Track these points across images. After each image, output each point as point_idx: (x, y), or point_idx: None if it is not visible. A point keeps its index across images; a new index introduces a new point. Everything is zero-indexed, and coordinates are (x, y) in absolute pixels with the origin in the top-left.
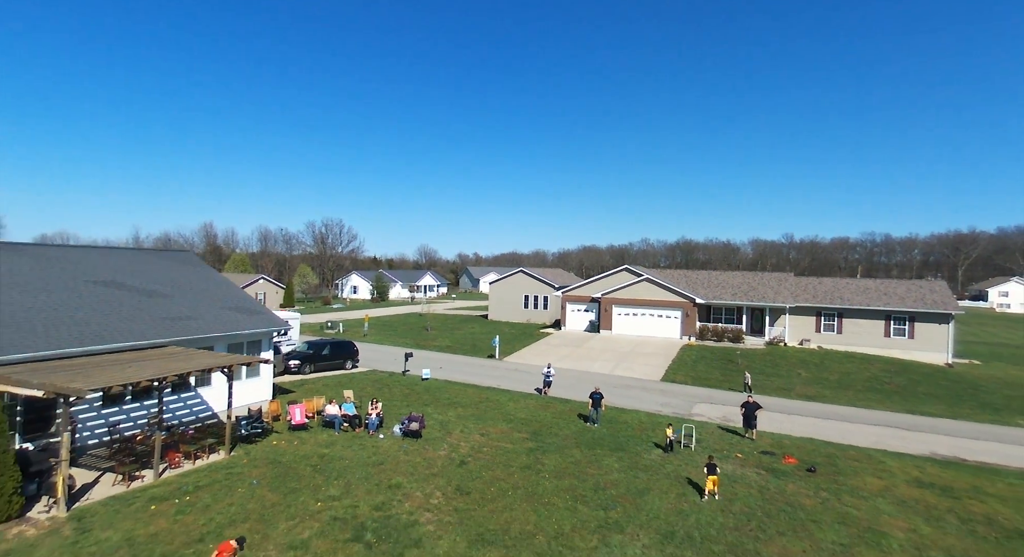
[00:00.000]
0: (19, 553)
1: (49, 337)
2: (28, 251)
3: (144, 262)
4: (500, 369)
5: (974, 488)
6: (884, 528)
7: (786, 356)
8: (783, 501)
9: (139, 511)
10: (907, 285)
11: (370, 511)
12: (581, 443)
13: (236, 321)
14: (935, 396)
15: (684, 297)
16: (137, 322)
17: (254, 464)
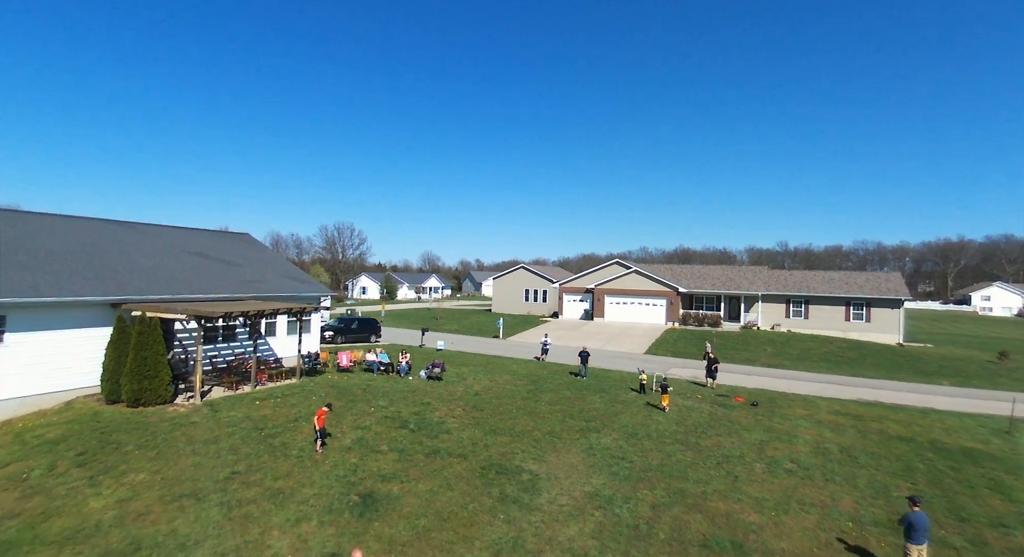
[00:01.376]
0: (180, 420)
1: (170, 287)
2: (139, 228)
3: (217, 240)
4: (504, 345)
5: (879, 416)
6: (797, 434)
7: (757, 337)
8: (726, 419)
9: (248, 404)
10: (866, 276)
11: (410, 414)
12: (571, 387)
13: (292, 286)
14: (879, 365)
15: (669, 287)
16: (224, 281)
17: (319, 387)
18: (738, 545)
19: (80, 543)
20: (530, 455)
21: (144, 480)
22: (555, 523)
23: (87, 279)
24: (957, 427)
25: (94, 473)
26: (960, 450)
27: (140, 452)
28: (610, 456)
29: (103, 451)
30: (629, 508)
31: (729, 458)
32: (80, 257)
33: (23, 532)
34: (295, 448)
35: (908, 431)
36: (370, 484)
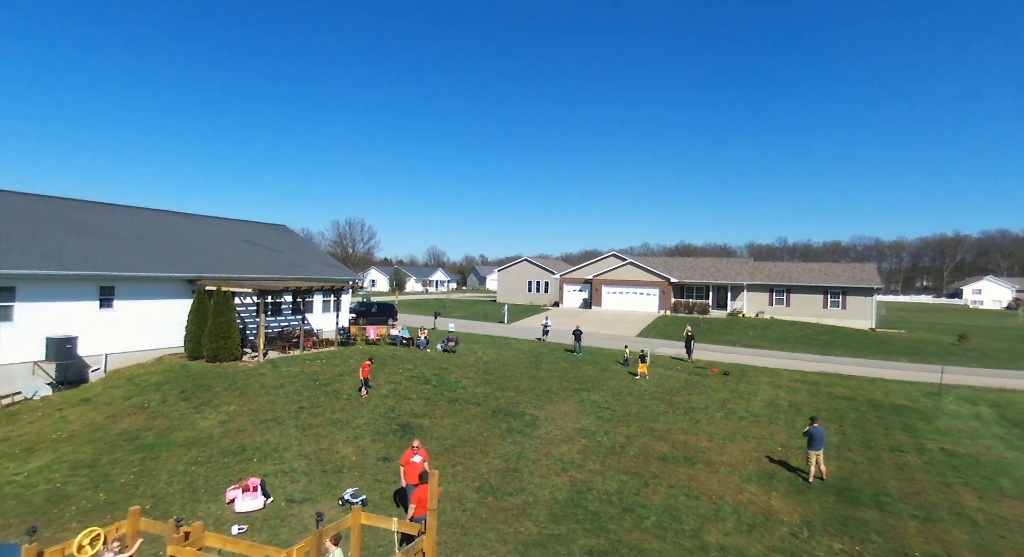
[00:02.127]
0: (250, 371)
1: (230, 267)
2: (200, 219)
3: (260, 230)
4: (509, 328)
5: (832, 383)
6: (756, 394)
7: (741, 323)
8: (699, 384)
9: (300, 363)
10: (843, 267)
11: (431, 375)
12: (568, 360)
13: (327, 270)
14: (848, 346)
15: (661, 277)
16: (271, 264)
17: (354, 353)
18: (689, 459)
19: (200, 446)
20: (532, 404)
21: (235, 410)
22: (550, 445)
23: (169, 259)
24: (896, 391)
25: (197, 404)
26: (891, 406)
27: (227, 392)
28: (597, 406)
29: (198, 390)
30: (608, 437)
31: (695, 409)
32: (163, 242)
33: (158, 439)
34: (344, 394)
35: (852, 393)
36: (406, 418)
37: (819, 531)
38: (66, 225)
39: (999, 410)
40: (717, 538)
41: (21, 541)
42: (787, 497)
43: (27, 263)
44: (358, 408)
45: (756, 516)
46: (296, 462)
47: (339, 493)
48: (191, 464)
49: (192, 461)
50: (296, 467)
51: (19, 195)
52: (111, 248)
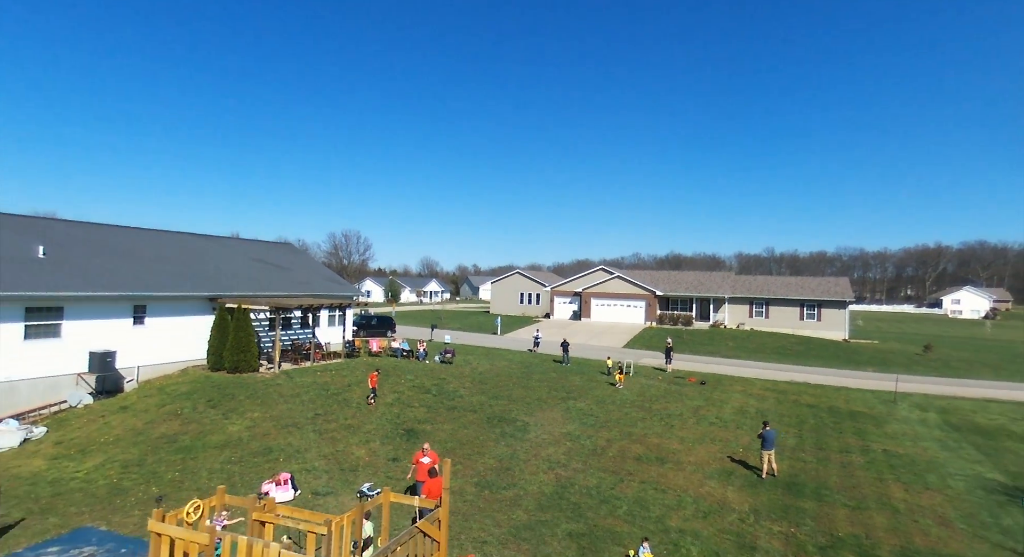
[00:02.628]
0: (268, 382)
1: (246, 285)
2: (216, 240)
3: (269, 249)
4: (502, 340)
5: (799, 391)
6: (728, 401)
7: (723, 334)
8: (676, 393)
9: (312, 374)
10: (818, 281)
11: (431, 385)
12: (557, 371)
13: (332, 286)
14: (820, 356)
15: (647, 290)
16: (282, 282)
17: (360, 364)
18: (660, 459)
19: (231, 447)
20: (523, 411)
21: (258, 416)
22: (539, 447)
23: (191, 279)
24: (856, 398)
25: (224, 411)
26: (848, 412)
27: (249, 400)
28: (582, 413)
29: (224, 399)
30: (591, 441)
31: (671, 416)
32: (186, 263)
33: (194, 441)
34: (353, 402)
35: (816, 400)
36: (410, 424)
37: (763, 517)
38: (103, 249)
39: (944, 416)
40: (677, 523)
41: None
42: (741, 490)
43: (73, 286)
44: (367, 415)
45: (712, 505)
46: (317, 461)
47: (356, 487)
48: (226, 463)
49: (227, 460)
50: (317, 466)
51: (61, 222)
52: (142, 270)
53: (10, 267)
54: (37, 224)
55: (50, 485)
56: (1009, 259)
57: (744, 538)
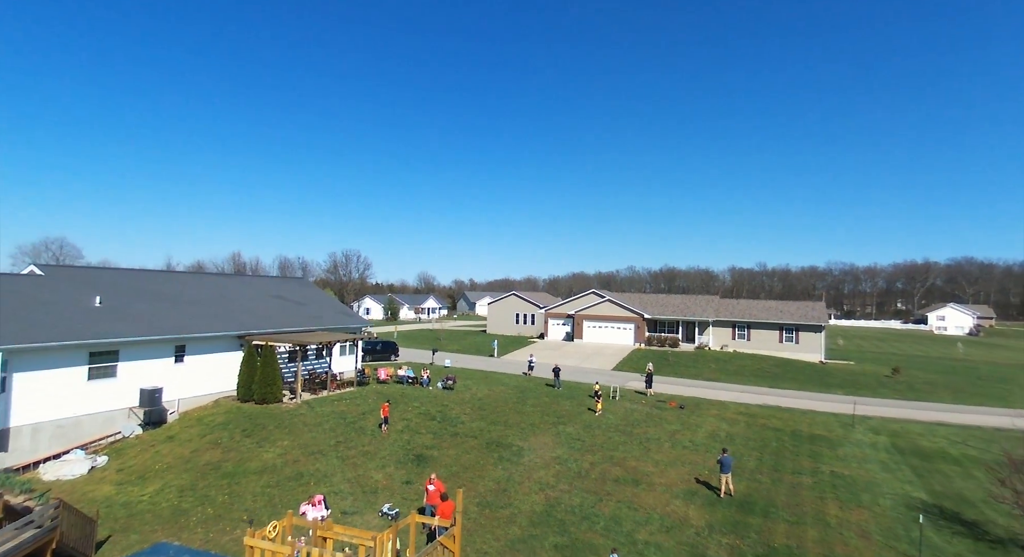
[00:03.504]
0: (292, 412)
1: (268, 322)
2: (239, 279)
3: (285, 284)
4: (498, 363)
5: (768, 415)
6: (702, 426)
7: (707, 356)
8: (657, 417)
9: (329, 403)
10: (797, 305)
11: (436, 412)
12: (549, 395)
13: (344, 320)
14: (795, 379)
15: (636, 313)
16: (298, 317)
17: (370, 393)
18: (635, 481)
19: (269, 473)
20: (517, 437)
21: (288, 444)
22: (531, 470)
23: (221, 319)
24: (819, 422)
25: (258, 440)
26: (808, 436)
27: (278, 430)
28: (570, 438)
29: (256, 429)
30: (576, 464)
31: (649, 440)
32: (216, 303)
33: (235, 468)
34: (368, 430)
35: (782, 424)
36: (419, 450)
37: (716, 531)
38: (148, 295)
39: (894, 439)
40: (644, 536)
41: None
42: (701, 509)
43: (127, 332)
44: (381, 442)
45: (675, 522)
46: (342, 485)
47: (378, 507)
48: (266, 487)
49: (266, 485)
50: (343, 488)
51: (110, 270)
52: (181, 314)
53: (75, 317)
54: (91, 274)
55: (123, 507)
56: (995, 276)
57: (697, 549)
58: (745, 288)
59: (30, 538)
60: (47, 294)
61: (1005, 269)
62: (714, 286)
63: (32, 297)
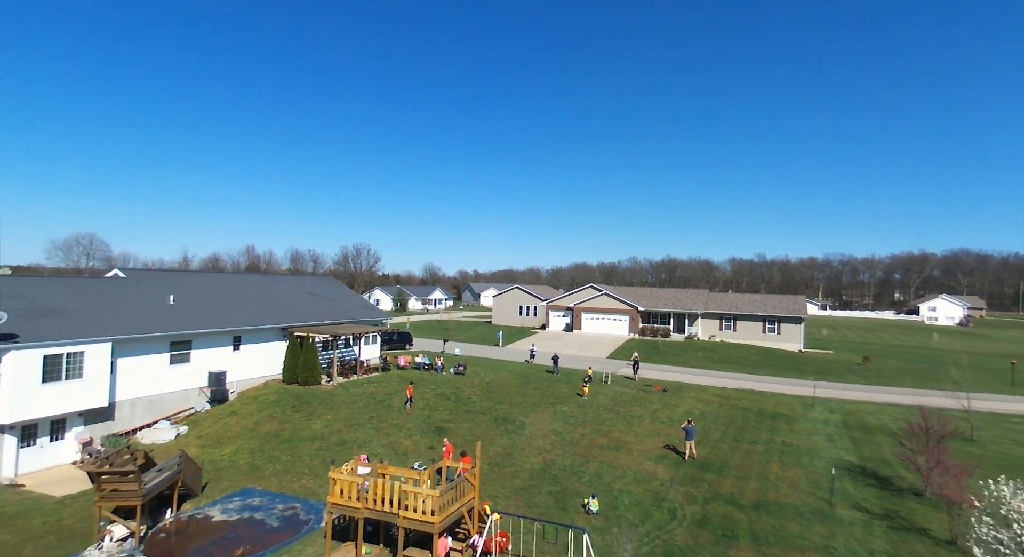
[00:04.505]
0: (330, 392)
1: (305, 316)
2: (279, 278)
3: (317, 282)
4: (503, 351)
5: (740, 396)
6: (680, 405)
7: (695, 346)
8: (642, 398)
9: (360, 385)
10: (779, 298)
11: (450, 393)
12: (548, 380)
13: (368, 313)
14: (774, 366)
15: (630, 306)
16: (330, 311)
17: (393, 377)
18: (617, 447)
19: (318, 440)
20: (520, 414)
21: (330, 418)
22: (532, 440)
23: (267, 314)
24: (784, 403)
25: (305, 415)
26: (772, 414)
27: (321, 407)
28: (565, 415)
29: (303, 405)
30: (569, 435)
31: (632, 417)
32: (262, 300)
33: (292, 435)
34: (395, 407)
35: (751, 404)
36: (438, 423)
37: (676, 483)
38: (210, 293)
39: (845, 417)
40: (619, 486)
41: (308, 478)
42: (668, 467)
43: (197, 325)
44: (407, 416)
45: (645, 476)
46: (378, 449)
47: (410, 464)
48: (318, 450)
49: (318, 448)
50: (379, 452)
51: (179, 273)
52: (237, 309)
53: (157, 313)
54: (163, 276)
55: (210, 464)
56: (989, 267)
57: (659, 495)
58: (745, 279)
59: (168, 476)
60: (132, 294)
61: (1001, 260)
62: (714, 276)
63: (122, 297)
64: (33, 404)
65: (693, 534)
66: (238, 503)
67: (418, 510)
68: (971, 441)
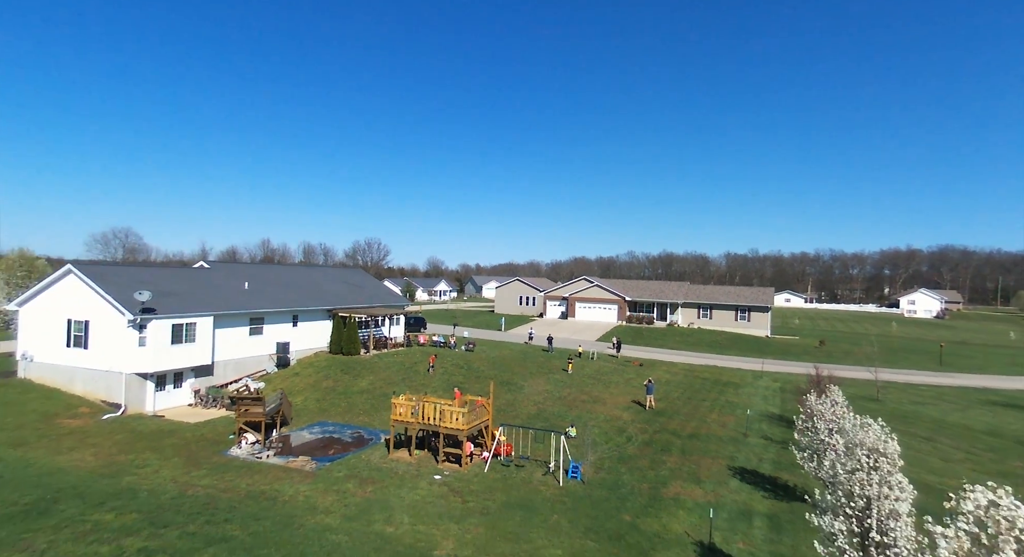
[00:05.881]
0: (369, 361)
1: (343, 300)
2: (319, 269)
3: (347, 273)
4: (505, 335)
5: (703, 370)
6: (651, 376)
7: (675, 332)
8: (620, 370)
9: (391, 356)
10: (750, 290)
11: (463, 363)
12: (543, 356)
13: (392, 298)
14: (740, 348)
15: (618, 296)
16: (361, 297)
17: (416, 351)
18: (595, 401)
19: (366, 394)
20: (521, 379)
21: (372, 379)
22: (529, 396)
23: (315, 298)
24: (738, 375)
25: (353, 376)
26: (725, 382)
27: (364, 370)
28: (556, 381)
29: (349, 370)
30: (558, 393)
31: (610, 382)
32: (311, 287)
33: (345, 389)
34: (420, 372)
35: (710, 375)
36: (456, 383)
37: (635, 422)
38: (274, 281)
39: (782, 384)
40: (593, 424)
41: (366, 416)
42: (631, 414)
43: (267, 306)
44: (430, 379)
45: (612, 418)
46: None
47: None
48: (368, 399)
49: (367, 399)
50: None
51: (248, 265)
52: (294, 294)
53: (239, 296)
54: (237, 267)
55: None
56: (972, 263)
57: (621, 429)
58: (739, 273)
59: (275, 406)
60: (218, 280)
61: (984, 256)
62: (709, 270)
63: (212, 283)
64: (165, 359)
65: (640, 449)
66: (318, 430)
67: (451, 421)
68: (875, 400)
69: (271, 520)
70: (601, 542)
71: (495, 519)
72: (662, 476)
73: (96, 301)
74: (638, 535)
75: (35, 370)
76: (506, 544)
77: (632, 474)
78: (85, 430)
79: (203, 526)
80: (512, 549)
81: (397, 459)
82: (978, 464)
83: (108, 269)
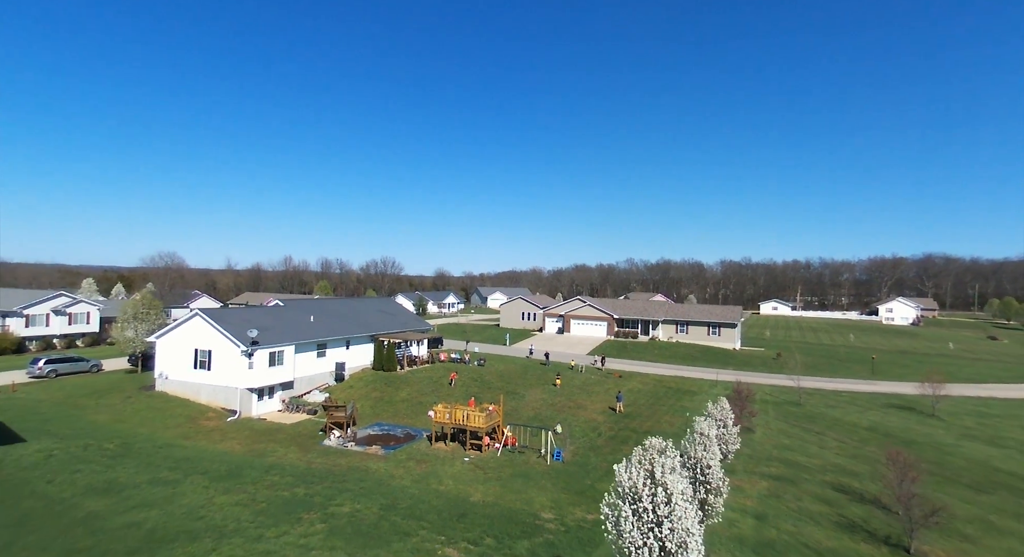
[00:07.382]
0: (404, 376)
1: (382, 326)
2: (358, 300)
3: (383, 303)
4: (510, 349)
5: (670, 380)
6: (627, 385)
7: (656, 345)
8: (603, 382)
9: (420, 372)
10: (721, 308)
11: (478, 377)
12: (541, 370)
13: (418, 324)
14: (708, 360)
15: (607, 314)
16: (395, 322)
17: (439, 367)
18: (578, 407)
19: (405, 402)
20: (522, 389)
21: (409, 390)
22: (528, 403)
23: (360, 325)
24: (697, 384)
25: (394, 388)
26: (685, 390)
27: (402, 384)
28: (551, 390)
29: (390, 383)
30: (551, 401)
31: (592, 392)
32: (356, 316)
33: (390, 398)
34: (444, 385)
35: (674, 384)
36: (472, 394)
37: (607, 423)
38: (331, 312)
39: (730, 392)
40: (575, 424)
41: (410, 418)
42: (605, 417)
43: (329, 334)
44: (452, 391)
45: (590, 419)
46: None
47: None
48: (408, 406)
49: (407, 406)
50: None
51: (312, 301)
52: (347, 323)
53: (308, 327)
54: (304, 303)
55: None
56: (952, 271)
57: (595, 427)
58: (733, 280)
59: (349, 412)
60: (292, 316)
61: (966, 264)
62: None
63: (288, 318)
64: (265, 377)
65: (606, 442)
66: (377, 428)
67: (474, 422)
68: (798, 405)
69: (369, 482)
70: (571, 495)
71: (505, 483)
72: (618, 458)
73: (216, 336)
74: (595, 492)
75: (169, 386)
76: (513, 495)
77: (598, 457)
78: (221, 428)
79: (332, 484)
80: (517, 498)
81: (437, 448)
82: (843, 449)
83: (223, 313)
